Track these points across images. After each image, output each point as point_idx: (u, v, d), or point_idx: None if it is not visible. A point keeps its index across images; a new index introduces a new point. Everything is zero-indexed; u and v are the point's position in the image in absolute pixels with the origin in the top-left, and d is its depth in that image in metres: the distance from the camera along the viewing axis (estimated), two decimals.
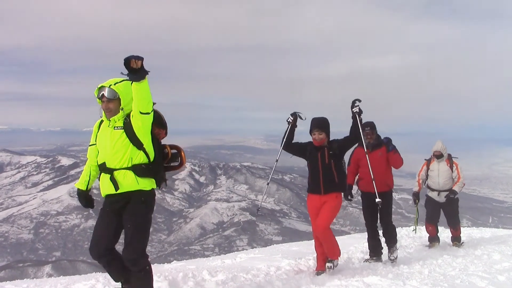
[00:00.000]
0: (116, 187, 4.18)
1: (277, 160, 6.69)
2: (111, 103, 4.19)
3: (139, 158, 4.20)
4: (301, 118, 6.25)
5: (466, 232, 11.98)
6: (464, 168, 8.94)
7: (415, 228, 10.04)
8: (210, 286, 5.49)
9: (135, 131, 4.18)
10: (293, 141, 6.26)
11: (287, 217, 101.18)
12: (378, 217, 7.31)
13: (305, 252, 8.12)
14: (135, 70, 3.84)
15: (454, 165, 8.89)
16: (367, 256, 7.50)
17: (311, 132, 6.01)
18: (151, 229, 4.43)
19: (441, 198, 8.90)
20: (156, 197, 4.46)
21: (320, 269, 6.12)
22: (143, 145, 4.22)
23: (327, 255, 6.06)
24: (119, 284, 4.53)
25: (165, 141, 4.63)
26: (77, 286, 5.38)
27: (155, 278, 5.45)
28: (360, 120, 6.08)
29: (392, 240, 7.30)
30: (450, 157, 8.97)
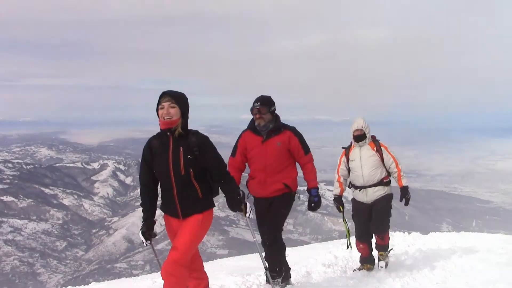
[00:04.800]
0: None
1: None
2: None
3: None
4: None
5: (445, 238, 12.27)
6: (444, 163, 8.58)
7: (348, 243, 8.32)
8: None
9: None
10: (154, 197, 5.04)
11: (234, 226, 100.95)
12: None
13: (255, 266, 8.10)
14: None
15: (382, 148, 7.62)
16: (329, 269, 7.28)
17: (158, 106, 4.77)
18: (64, 244, 3.87)
19: (369, 198, 7.64)
20: (71, 204, 3.88)
21: None
22: None
23: None
24: None
25: None
26: None
27: None
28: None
29: (275, 265, 6.13)
30: (375, 140, 7.74)
